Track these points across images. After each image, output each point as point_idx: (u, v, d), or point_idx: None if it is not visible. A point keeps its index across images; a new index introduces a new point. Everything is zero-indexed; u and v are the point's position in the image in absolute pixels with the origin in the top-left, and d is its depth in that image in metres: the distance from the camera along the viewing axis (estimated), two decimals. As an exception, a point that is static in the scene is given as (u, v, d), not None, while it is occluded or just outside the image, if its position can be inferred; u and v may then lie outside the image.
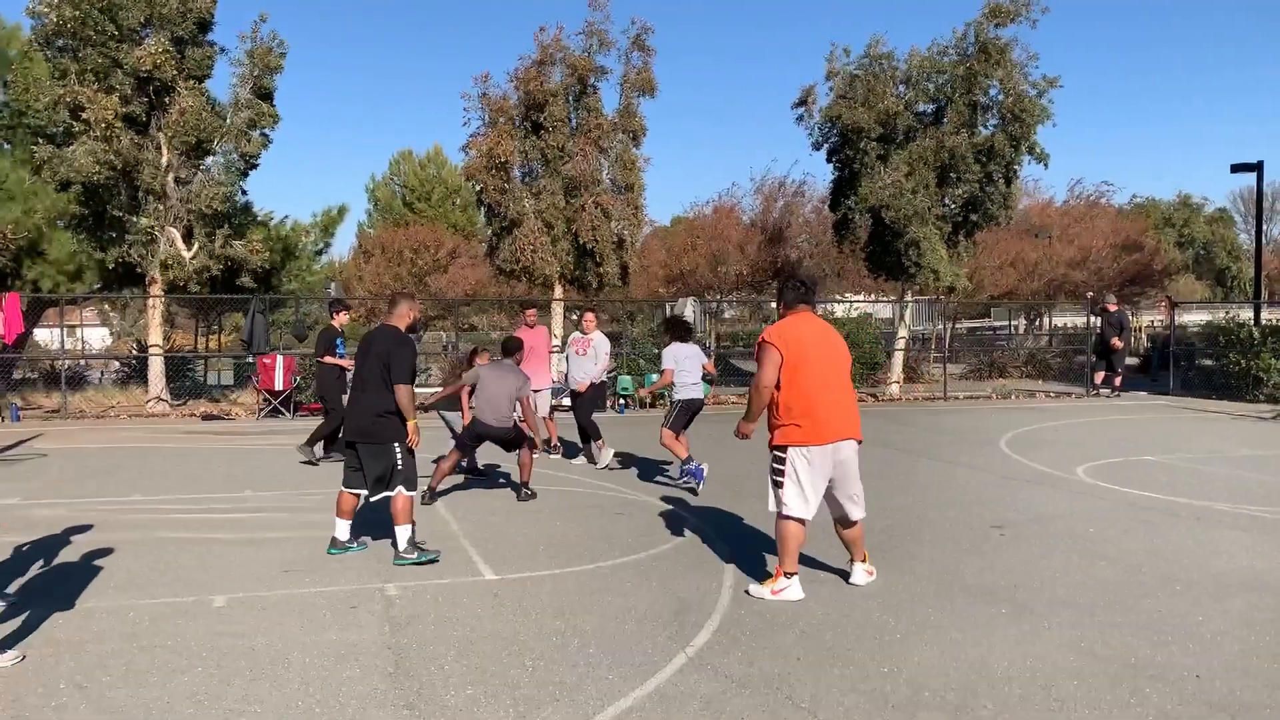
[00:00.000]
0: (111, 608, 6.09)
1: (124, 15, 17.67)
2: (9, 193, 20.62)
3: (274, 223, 27.22)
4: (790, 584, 6.27)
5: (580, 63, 20.44)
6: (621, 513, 9.13)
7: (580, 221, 20.22)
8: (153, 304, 19.39)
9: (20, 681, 4.88)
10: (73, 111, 17.63)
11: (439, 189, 52.51)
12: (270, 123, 19.50)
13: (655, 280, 34.98)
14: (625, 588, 6.58)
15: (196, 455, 13.14)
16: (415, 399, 7.22)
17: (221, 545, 7.79)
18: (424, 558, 7.11)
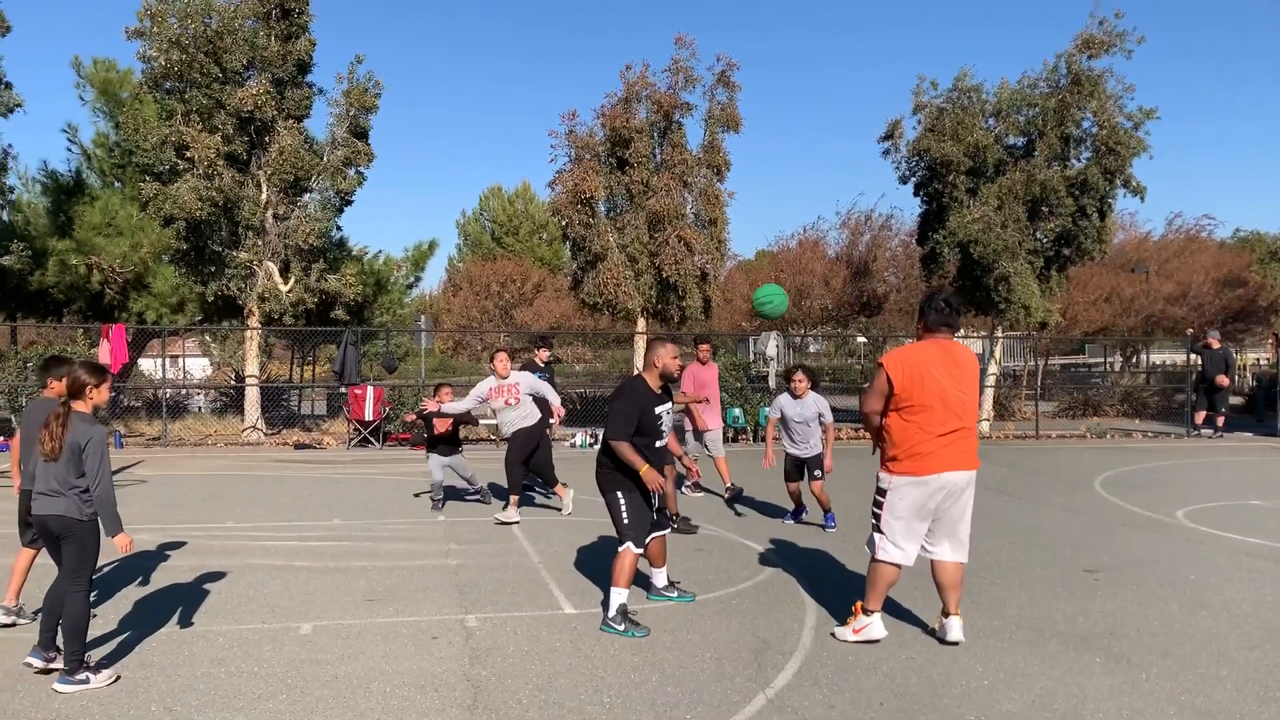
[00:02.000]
0: (202, 632, 6.26)
1: (228, 58, 18.44)
2: (118, 228, 21.58)
3: (367, 257, 27.94)
4: (871, 621, 6.09)
5: (665, 99, 20.62)
6: (701, 549, 9.06)
7: (663, 255, 20.31)
8: (250, 335, 20.03)
9: (114, 702, 5.03)
10: (178, 150, 18.42)
11: (526, 224, 53.43)
12: (365, 160, 20.08)
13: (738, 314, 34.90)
14: (704, 625, 6.52)
15: (288, 483, 13.47)
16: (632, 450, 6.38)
17: (308, 573, 7.95)
18: (632, 633, 6.28)
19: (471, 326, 34.79)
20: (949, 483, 5.90)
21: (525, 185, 54.80)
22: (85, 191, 22.70)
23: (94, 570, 5.54)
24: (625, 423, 6.42)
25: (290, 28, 19.16)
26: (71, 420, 5.32)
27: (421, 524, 10.25)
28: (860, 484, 13.46)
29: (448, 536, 9.55)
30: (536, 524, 10.31)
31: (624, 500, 6.51)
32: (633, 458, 6.34)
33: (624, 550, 6.44)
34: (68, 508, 5.29)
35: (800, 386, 9.77)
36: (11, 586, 6.42)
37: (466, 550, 8.89)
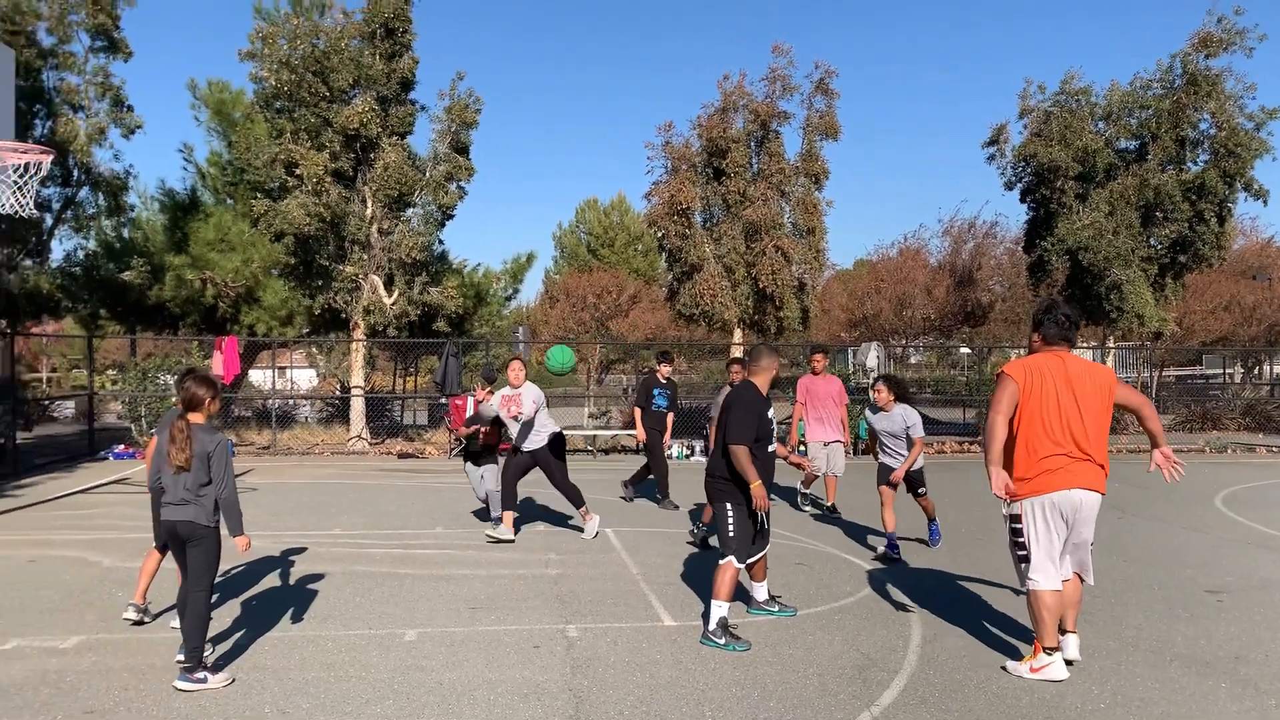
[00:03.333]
0: (312, 637, 6.41)
1: (334, 77, 19.02)
2: (230, 244, 22.38)
3: (467, 270, 28.43)
4: (1053, 661, 5.63)
5: (763, 108, 20.54)
6: (802, 563, 8.93)
7: (760, 265, 20.19)
8: (356, 347, 20.56)
9: (230, 703, 5.18)
10: (287, 168, 19.06)
11: (622, 235, 53.73)
12: (466, 175, 20.47)
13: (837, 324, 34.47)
14: (807, 640, 6.41)
15: (392, 492, 13.75)
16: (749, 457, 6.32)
17: (413, 580, 8.08)
18: (733, 647, 6.19)
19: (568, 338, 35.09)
20: (1075, 501, 5.61)
21: (621, 197, 55.17)
22: (200, 209, 23.63)
23: (216, 573, 5.75)
24: (747, 427, 6.35)
25: (394, 46, 19.67)
26: (194, 431, 5.58)
27: (522, 533, 10.33)
28: (964, 499, 13.13)
29: (547, 546, 9.60)
30: (635, 535, 10.30)
31: (732, 513, 6.44)
32: (748, 467, 6.27)
33: (726, 563, 6.37)
34: (195, 514, 5.55)
35: (881, 397, 9.33)
36: (139, 586, 6.69)
37: (566, 560, 8.93)
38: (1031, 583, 5.69)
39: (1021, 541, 5.72)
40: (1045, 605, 5.63)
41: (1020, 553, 5.76)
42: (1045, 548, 5.65)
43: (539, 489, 12.10)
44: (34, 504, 12.30)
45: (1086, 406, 5.63)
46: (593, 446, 19.67)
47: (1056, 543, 5.67)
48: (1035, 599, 5.67)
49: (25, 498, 12.82)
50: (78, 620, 6.76)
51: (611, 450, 19.98)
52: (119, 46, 20.82)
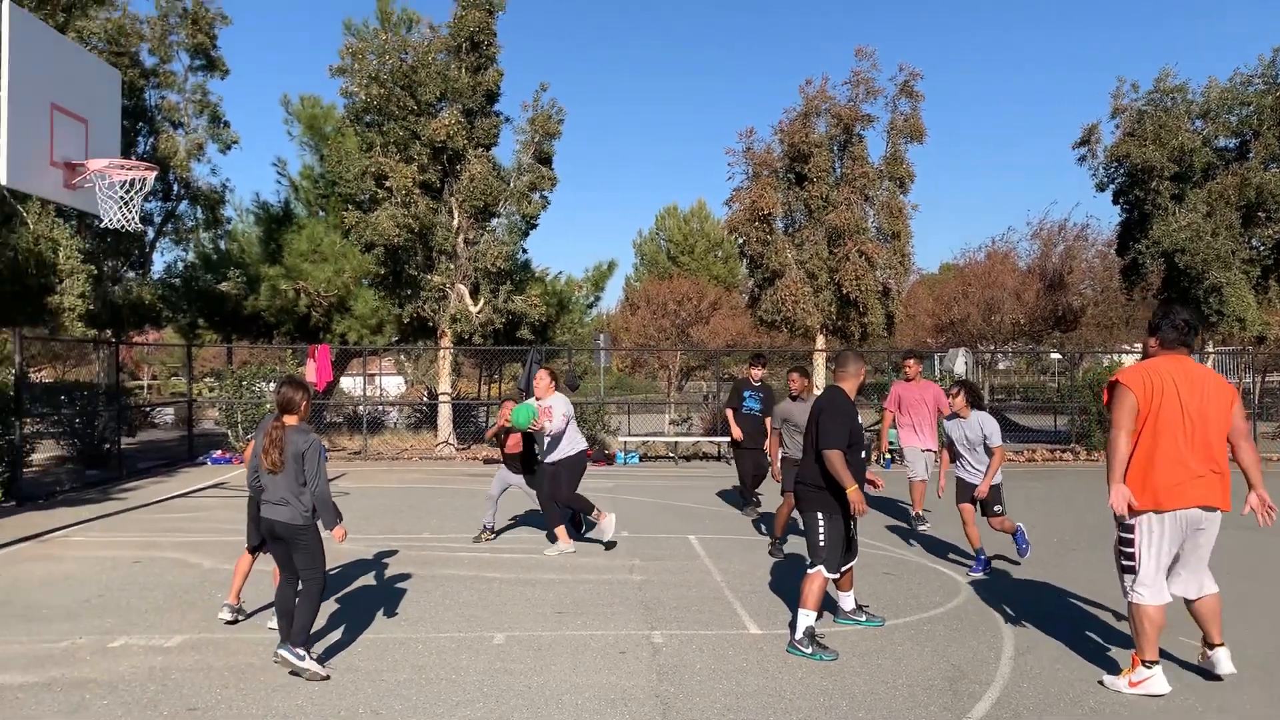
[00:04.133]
0: (403, 639, 6.54)
1: (422, 91, 19.42)
2: (323, 255, 22.95)
3: (550, 278, 28.74)
4: (1152, 675, 5.46)
5: (845, 112, 20.35)
6: (890, 572, 8.81)
7: (844, 271, 19.98)
8: (443, 355, 20.93)
9: (325, 703, 5.32)
10: (377, 180, 19.52)
11: (701, 242, 53.68)
12: (549, 185, 20.71)
13: (922, 330, 33.90)
14: (897, 650, 6.32)
15: (479, 497, 13.93)
16: (844, 463, 6.27)
17: (500, 584, 8.19)
18: (820, 657, 6.14)
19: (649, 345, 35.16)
20: (1196, 518, 5.39)
21: (701, 204, 55.11)
22: (293, 221, 24.30)
23: (325, 564, 6.02)
24: (839, 432, 6.30)
25: (479, 60, 20.00)
26: (288, 434, 5.82)
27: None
28: (1058, 507, 12.81)
29: (630, 552, 9.64)
30: (718, 543, 10.28)
31: (824, 523, 6.39)
32: (843, 472, 6.22)
33: (815, 572, 6.32)
34: (293, 515, 5.81)
35: (957, 403, 8.88)
36: (233, 587, 6.93)
37: (649, 566, 8.96)
38: (1136, 596, 5.48)
39: (1131, 552, 5.50)
40: (1149, 619, 5.44)
41: (1127, 563, 5.53)
42: (1155, 562, 5.43)
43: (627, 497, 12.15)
44: (138, 507, 12.78)
45: (1210, 416, 5.39)
46: (674, 453, 19.68)
47: (1167, 559, 5.45)
48: (1139, 613, 5.47)
49: (130, 500, 13.33)
50: (180, 619, 7.01)
51: (693, 457, 19.96)
52: (216, 65, 21.56)
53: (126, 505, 12.89)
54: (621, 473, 17.34)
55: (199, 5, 20.68)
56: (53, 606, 7.38)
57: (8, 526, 10.98)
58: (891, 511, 12.29)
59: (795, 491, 6.68)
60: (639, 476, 16.66)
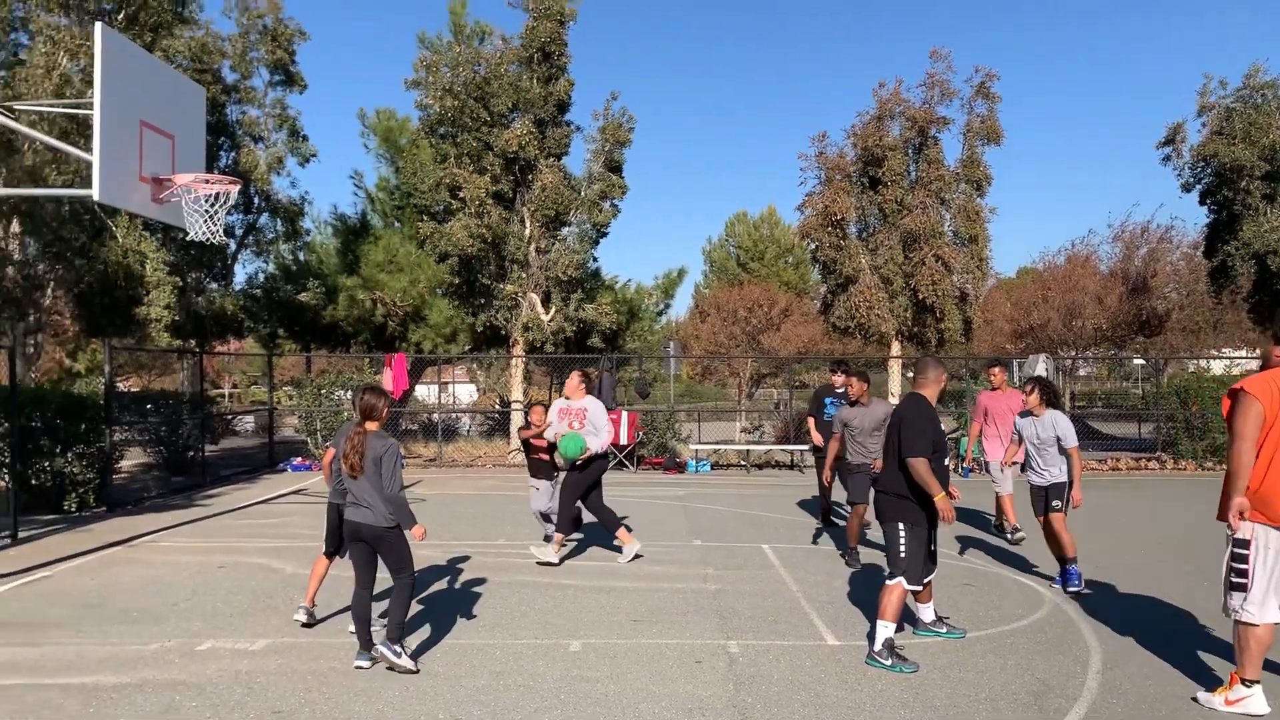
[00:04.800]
0: (480, 645, 6.58)
1: (494, 102, 19.66)
2: (398, 265, 23.39)
3: (620, 286, 28.84)
4: (1252, 694, 5.23)
5: (920, 114, 20.08)
6: (970, 583, 8.62)
7: (919, 276, 19.69)
8: (515, 363, 21.11)
9: (406, 708, 5.37)
10: (451, 191, 19.80)
11: (772, 248, 53.48)
12: (619, 193, 20.78)
13: (1001, 335, 33.24)
14: (978, 664, 6.17)
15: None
16: (930, 470, 6.15)
17: (575, 591, 8.20)
18: (900, 669, 6.03)
19: (719, 352, 35.05)
20: None
21: (771, 210, 54.93)
22: (370, 232, 24.79)
23: (413, 563, 6.20)
24: (924, 439, 6.17)
25: (550, 70, 20.16)
26: (368, 439, 5.98)
27: (678, 547, 10.37)
28: (1146, 517, 12.43)
29: (704, 561, 9.59)
30: (793, 552, 10.17)
31: (905, 533, 6.26)
32: (930, 479, 6.10)
33: (895, 584, 6.20)
34: (376, 517, 5.97)
35: (1031, 400, 8.51)
36: (309, 589, 7.07)
37: (724, 575, 8.90)
38: (1245, 614, 5.21)
39: (1244, 569, 5.21)
40: (1257, 639, 5.19)
41: (1238, 580, 5.25)
42: (1268, 580, 5.16)
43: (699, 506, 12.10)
44: (222, 513, 13.10)
45: None
46: (746, 462, 19.56)
47: (1278, 577, 5.17)
48: (1246, 632, 5.22)
49: (214, 506, 13.67)
50: (264, 624, 7.14)
51: (765, 465, 19.81)
52: (295, 80, 22.10)
53: (211, 511, 13.22)
54: (692, 481, 17.29)
55: (278, 22, 21.23)
56: (142, 610, 7.58)
57: (99, 531, 11.33)
58: (971, 521, 12.04)
59: (875, 501, 6.56)
60: (710, 485, 16.58)
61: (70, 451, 12.76)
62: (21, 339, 16.30)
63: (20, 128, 10.00)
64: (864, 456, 9.51)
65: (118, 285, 17.10)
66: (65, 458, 12.67)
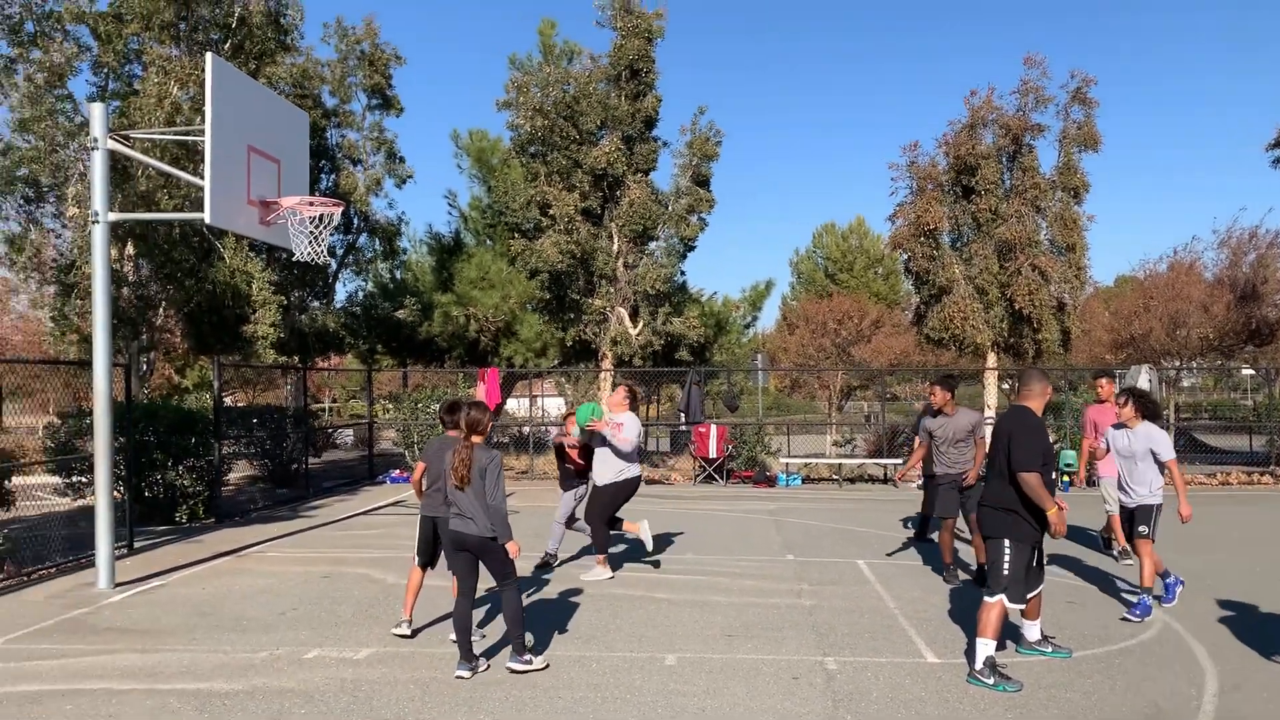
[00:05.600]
0: (576, 657, 6.65)
1: (584, 120, 19.92)
2: (490, 281, 23.78)
3: (707, 299, 28.85)
4: None
5: (1014, 122, 19.69)
6: (1074, 601, 8.40)
7: (1015, 286, 19.27)
8: (604, 377, 21.27)
9: (504, 719, 5.46)
10: (541, 208, 20.11)
11: (861, 259, 52.90)
12: (707, 207, 20.83)
13: (1100, 345, 32.23)
14: (1086, 685, 6.01)
15: (640, 517, 14.03)
16: (1042, 483, 6.06)
17: (668, 605, 8.23)
18: (1003, 688, 5.90)
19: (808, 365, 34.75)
20: None
21: (859, 220, 54.33)
22: (463, 250, 25.27)
23: (515, 572, 6.35)
24: (1035, 453, 6.07)
25: (638, 87, 20.34)
26: (474, 451, 6.18)
27: (771, 562, 10.32)
28: (1259, 533, 11.94)
29: (798, 576, 9.52)
30: (888, 568, 10.04)
31: (1010, 550, 6.14)
32: (1044, 493, 6.00)
33: (995, 601, 6.08)
34: (481, 528, 6.16)
35: (1125, 412, 8.09)
36: (407, 603, 7.24)
37: (819, 591, 8.83)
38: None
39: None
40: None
41: None
42: None
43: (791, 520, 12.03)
44: (325, 524, 13.48)
45: None
46: (838, 476, 19.34)
47: None
48: None
49: (317, 518, 14.07)
50: (367, 633, 7.34)
51: (858, 479, 19.56)
52: (391, 103, 22.67)
53: (314, 522, 13.61)
54: (783, 495, 17.17)
55: (375, 47, 21.81)
56: (251, 618, 7.85)
57: (209, 542, 11.77)
58: (1077, 537, 11.71)
59: (980, 515, 6.44)
60: (802, 499, 16.45)
61: (181, 465, 13.29)
62: (136, 357, 17.03)
63: (135, 154, 10.47)
64: (947, 467, 9.34)
65: (225, 304, 17.75)
66: (177, 471, 13.20)
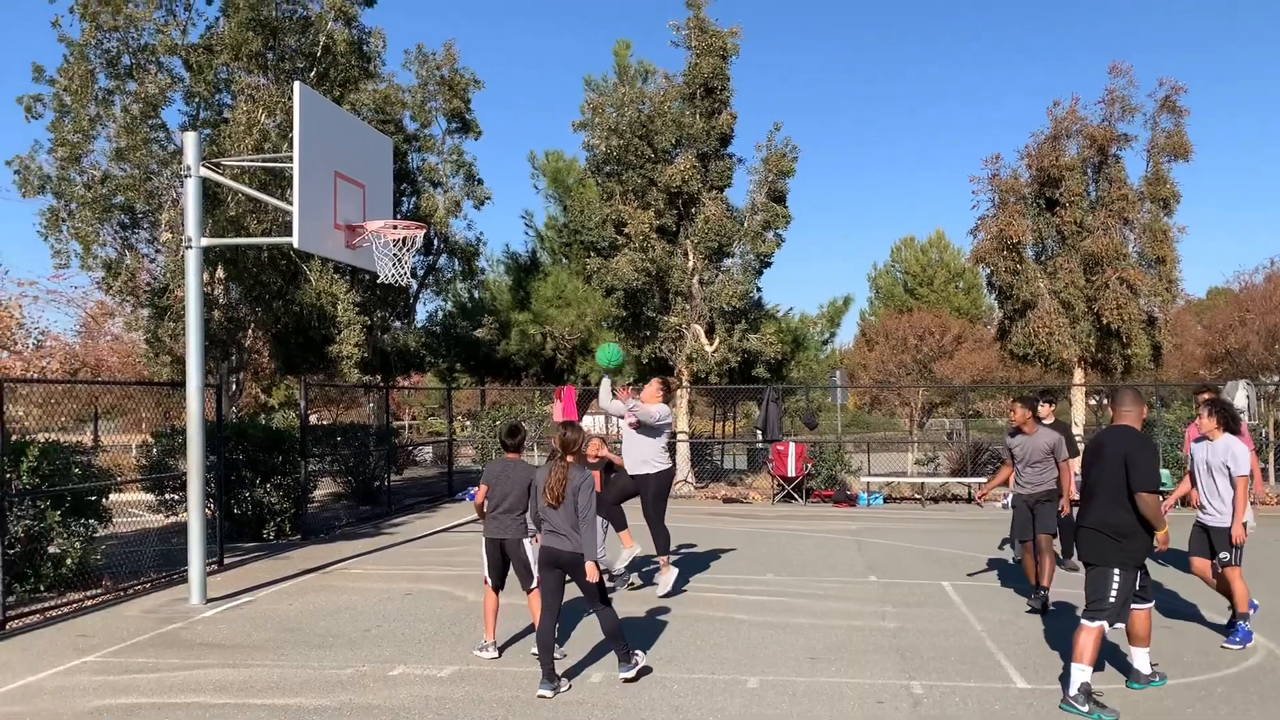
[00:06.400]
0: (658, 678, 6.62)
1: (658, 139, 20.01)
2: (566, 300, 24.05)
3: (783, 315, 28.69)
4: None
5: (1099, 132, 19.25)
6: (1168, 626, 8.09)
7: (1103, 300, 18.79)
8: (680, 394, 21.25)
9: (589, 738, 5.45)
10: (617, 227, 20.23)
11: (941, 273, 52.13)
12: (783, 223, 20.74)
13: (1193, 361, 31.26)
14: (1185, 712, 5.79)
15: (720, 536, 13.98)
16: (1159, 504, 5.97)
17: (749, 626, 8.15)
18: (1098, 716, 5.71)
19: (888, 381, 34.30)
20: None
21: (939, 233, 53.57)
22: (539, 269, 25.61)
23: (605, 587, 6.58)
24: (1156, 474, 5.97)
25: (713, 104, 20.37)
26: (570, 471, 6.36)
27: (854, 583, 10.16)
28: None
29: (881, 598, 9.36)
30: (974, 589, 9.82)
31: (1119, 576, 5.93)
32: (1159, 513, 5.89)
33: (1096, 627, 5.87)
34: (573, 544, 6.30)
35: (1207, 424, 7.56)
36: (488, 626, 7.30)
37: (903, 613, 8.66)
38: None
39: None
40: None
41: None
42: None
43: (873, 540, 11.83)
44: (406, 541, 13.67)
45: None
46: (920, 495, 19.00)
47: None
48: None
49: (399, 535, 14.29)
50: (450, 650, 7.41)
51: (941, 499, 19.19)
52: (470, 127, 23.10)
53: (396, 539, 13.82)
54: (864, 514, 16.93)
55: (454, 73, 22.25)
56: (337, 635, 7.99)
57: (295, 559, 12.02)
58: (1174, 560, 11.29)
59: (1084, 540, 6.14)
60: (884, 519, 16.19)
61: (269, 483, 13.61)
62: (226, 377, 17.54)
63: (226, 181, 10.82)
64: (1023, 488, 9.08)
65: (311, 325, 18.19)
66: (264, 489, 13.53)
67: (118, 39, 16.76)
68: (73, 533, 9.71)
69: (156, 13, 16.81)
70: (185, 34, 17.34)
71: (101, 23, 16.42)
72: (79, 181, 16.76)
